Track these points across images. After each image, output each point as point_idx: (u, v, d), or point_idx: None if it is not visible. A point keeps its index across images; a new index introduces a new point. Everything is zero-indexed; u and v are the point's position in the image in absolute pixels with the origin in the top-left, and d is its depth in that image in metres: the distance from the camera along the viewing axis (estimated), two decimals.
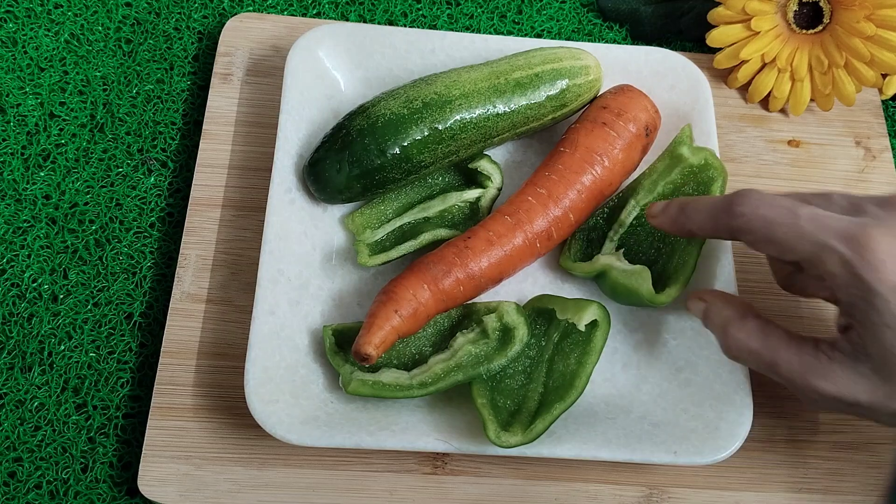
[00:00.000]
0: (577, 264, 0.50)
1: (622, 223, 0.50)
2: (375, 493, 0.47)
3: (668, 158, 0.50)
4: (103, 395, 0.49)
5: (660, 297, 0.46)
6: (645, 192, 0.50)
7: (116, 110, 0.56)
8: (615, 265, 0.48)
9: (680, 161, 0.49)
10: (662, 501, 0.48)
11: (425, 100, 0.49)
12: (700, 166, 0.49)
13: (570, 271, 0.50)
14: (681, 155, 0.49)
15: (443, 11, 0.62)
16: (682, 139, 0.50)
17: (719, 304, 0.44)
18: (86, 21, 0.59)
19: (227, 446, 0.47)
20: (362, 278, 0.51)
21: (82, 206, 0.53)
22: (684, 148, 0.49)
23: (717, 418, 0.46)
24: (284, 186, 0.50)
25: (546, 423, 0.43)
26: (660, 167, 0.50)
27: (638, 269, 0.47)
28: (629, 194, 0.51)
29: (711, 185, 0.49)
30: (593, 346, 0.46)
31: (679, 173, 0.49)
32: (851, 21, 0.53)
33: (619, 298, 0.49)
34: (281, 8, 0.61)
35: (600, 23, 0.63)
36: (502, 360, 0.45)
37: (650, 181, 0.50)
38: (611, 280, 0.48)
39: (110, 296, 0.51)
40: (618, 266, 0.48)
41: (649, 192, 0.50)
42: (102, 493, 0.47)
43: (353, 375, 0.45)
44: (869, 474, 0.49)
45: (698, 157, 0.49)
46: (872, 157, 0.59)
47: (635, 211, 0.50)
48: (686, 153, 0.49)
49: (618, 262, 0.48)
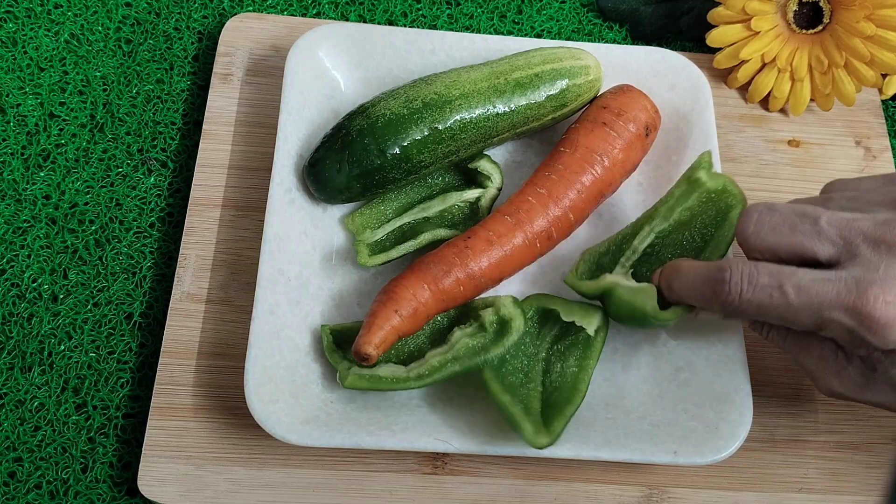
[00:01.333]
0: (582, 282, 0.48)
1: (636, 250, 0.48)
2: (375, 493, 0.47)
3: (686, 184, 0.48)
4: (103, 395, 0.49)
5: (664, 315, 0.45)
6: (661, 219, 0.48)
7: (116, 110, 0.56)
8: (621, 283, 0.46)
9: (697, 186, 0.47)
10: (662, 501, 0.48)
11: (425, 100, 0.49)
12: (718, 191, 0.47)
13: (575, 289, 0.48)
14: (698, 180, 0.47)
15: (443, 11, 0.62)
16: (700, 164, 0.48)
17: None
18: (86, 21, 0.59)
19: (227, 446, 0.47)
20: (362, 278, 0.51)
21: (82, 206, 0.53)
22: (702, 172, 0.47)
23: (717, 418, 0.46)
24: (284, 186, 0.50)
25: (563, 424, 0.43)
26: (676, 192, 0.48)
27: (643, 286, 0.45)
28: (644, 221, 0.49)
29: (730, 213, 0.47)
30: (594, 350, 0.46)
31: (696, 199, 0.48)
32: (851, 21, 0.53)
33: (624, 318, 0.47)
34: (281, 8, 0.61)
35: (600, 23, 0.63)
36: (499, 349, 0.45)
37: (666, 207, 0.48)
38: (616, 298, 0.46)
39: (110, 296, 0.51)
40: (623, 284, 0.46)
41: (665, 219, 0.48)
42: (102, 493, 0.47)
43: (350, 370, 0.45)
44: (869, 474, 0.49)
45: (717, 182, 0.47)
46: (872, 157, 0.59)
47: (650, 238, 0.48)
48: (704, 178, 0.47)
49: (624, 281, 0.46)
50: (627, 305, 0.46)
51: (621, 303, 0.46)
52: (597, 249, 0.50)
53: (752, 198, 0.56)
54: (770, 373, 0.51)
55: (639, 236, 0.48)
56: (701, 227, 0.48)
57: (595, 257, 0.50)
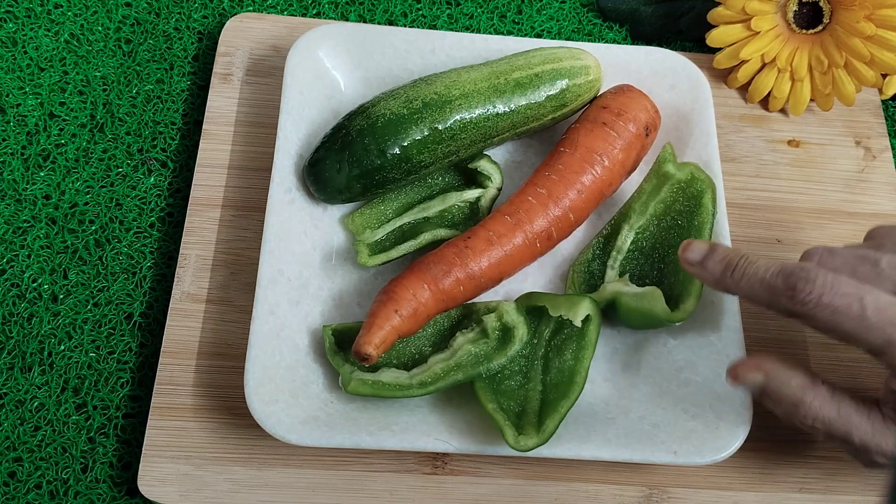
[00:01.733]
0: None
1: (620, 249, 0.50)
2: (375, 493, 0.47)
3: (655, 178, 0.50)
4: (103, 395, 0.49)
5: (677, 315, 0.46)
6: (637, 215, 0.50)
7: (116, 110, 0.56)
8: (624, 291, 0.47)
9: (667, 179, 0.50)
10: (662, 501, 0.48)
11: (425, 100, 0.49)
12: (687, 181, 0.49)
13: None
14: (667, 172, 0.50)
15: (443, 11, 0.62)
16: (665, 157, 0.50)
17: (785, 372, 0.41)
18: (86, 21, 0.59)
19: (227, 446, 0.47)
20: (362, 278, 0.51)
21: (82, 206, 0.53)
22: (669, 165, 0.50)
23: (717, 418, 0.46)
24: (284, 186, 0.50)
25: (556, 422, 0.43)
26: (647, 188, 0.50)
27: (648, 290, 0.46)
28: (621, 220, 0.51)
29: (701, 198, 0.49)
30: (588, 340, 0.46)
31: (668, 191, 0.50)
32: (851, 21, 0.53)
33: (634, 323, 0.48)
34: (281, 8, 0.61)
35: (600, 23, 0.63)
36: (502, 359, 0.45)
37: (640, 203, 0.50)
38: (623, 307, 0.47)
39: (110, 296, 0.51)
40: (627, 291, 0.47)
41: (641, 214, 0.50)
42: (102, 493, 0.47)
43: (352, 375, 0.45)
44: (869, 474, 0.49)
45: (684, 172, 0.49)
46: (872, 157, 0.59)
47: (631, 235, 0.50)
48: (672, 170, 0.49)
49: (626, 288, 0.47)
50: (636, 312, 0.47)
51: (629, 310, 0.47)
52: (584, 258, 0.51)
53: (753, 198, 0.56)
54: None
55: (620, 236, 0.50)
56: (676, 216, 0.49)
57: (585, 266, 0.51)
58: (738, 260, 0.42)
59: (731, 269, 0.42)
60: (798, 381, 0.41)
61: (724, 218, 0.50)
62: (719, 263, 0.42)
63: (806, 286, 0.39)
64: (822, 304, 0.39)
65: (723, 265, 0.42)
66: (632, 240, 0.50)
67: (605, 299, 0.48)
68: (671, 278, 0.49)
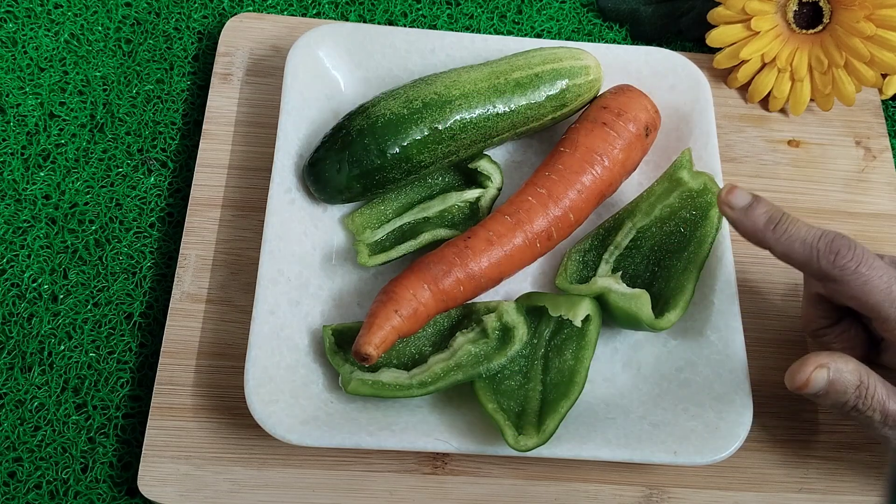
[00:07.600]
0: (573, 286, 0.49)
1: (618, 245, 0.49)
2: (375, 493, 0.47)
3: (668, 182, 0.49)
4: (103, 395, 0.49)
5: (660, 323, 0.46)
6: (642, 215, 0.50)
7: (116, 110, 0.56)
8: (613, 288, 0.47)
9: (679, 185, 0.49)
10: (662, 501, 0.48)
11: (425, 100, 0.49)
12: (699, 191, 0.48)
13: (566, 292, 0.49)
14: (680, 179, 0.49)
15: (443, 11, 0.62)
16: (682, 163, 0.49)
17: (841, 359, 0.42)
18: (86, 21, 0.59)
19: (227, 446, 0.47)
20: (362, 278, 0.51)
21: (82, 206, 0.53)
22: (684, 172, 0.49)
23: (717, 418, 0.46)
24: (284, 186, 0.50)
25: (556, 422, 0.43)
26: (658, 190, 0.49)
27: (637, 293, 0.46)
28: (625, 216, 0.50)
29: (709, 210, 0.48)
30: (588, 340, 0.46)
31: (677, 197, 0.49)
32: (851, 21, 0.53)
33: (618, 321, 0.48)
34: (281, 8, 0.61)
35: (600, 23, 0.63)
36: (502, 359, 0.45)
37: (647, 204, 0.50)
38: (610, 304, 0.47)
39: (110, 296, 0.51)
40: (616, 289, 0.47)
41: (646, 215, 0.49)
42: (102, 493, 0.47)
43: (352, 375, 0.45)
44: (869, 474, 0.49)
45: (698, 181, 0.48)
46: (872, 157, 0.59)
47: (632, 234, 0.49)
48: (686, 177, 0.48)
49: (616, 285, 0.47)
50: (622, 311, 0.46)
51: (616, 308, 0.47)
52: (581, 247, 0.51)
53: None
54: (770, 373, 0.51)
55: (621, 232, 0.50)
56: (680, 223, 0.49)
57: (580, 255, 0.51)
58: (781, 216, 0.43)
59: (775, 223, 0.43)
60: (852, 364, 0.42)
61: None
62: (764, 215, 0.43)
63: (848, 252, 0.42)
64: (859, 272, 0.41)
65: (766, 217, 0.43)
66: (632, 238, 0.50)
67: (593, 292, 0.47)
68: (662, 284, 0.48)
